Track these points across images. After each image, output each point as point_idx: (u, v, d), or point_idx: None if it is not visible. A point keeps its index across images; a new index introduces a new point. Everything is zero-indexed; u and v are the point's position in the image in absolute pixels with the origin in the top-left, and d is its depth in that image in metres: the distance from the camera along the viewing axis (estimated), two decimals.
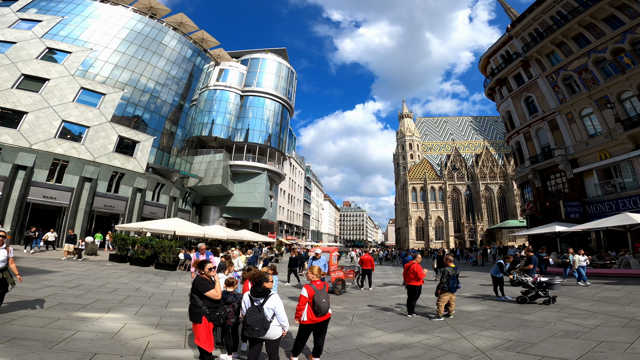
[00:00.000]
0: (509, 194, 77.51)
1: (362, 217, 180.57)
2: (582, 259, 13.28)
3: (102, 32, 30.03)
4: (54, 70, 26.11)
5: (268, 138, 40.53)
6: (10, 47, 25.59)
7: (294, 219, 63.15)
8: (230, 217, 39.84)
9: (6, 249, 5.88)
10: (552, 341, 5.77)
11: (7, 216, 21.21)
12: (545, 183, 25.31)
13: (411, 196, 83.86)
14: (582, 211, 21.11)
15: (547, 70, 24.39)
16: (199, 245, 10.71)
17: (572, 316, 7.62)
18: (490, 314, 8.24)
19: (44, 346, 4.85)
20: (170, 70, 33.45)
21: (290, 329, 4.88)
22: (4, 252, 5.82)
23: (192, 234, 20.36)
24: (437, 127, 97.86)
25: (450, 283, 7.77)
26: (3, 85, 23.65)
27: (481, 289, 12.75)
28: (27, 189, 22.39)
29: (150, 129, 30.60)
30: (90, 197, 25.06)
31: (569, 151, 22.72)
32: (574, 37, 22.43)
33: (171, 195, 32.04)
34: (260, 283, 4.28)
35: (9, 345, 4.75)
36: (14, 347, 4.70)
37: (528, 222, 28.65)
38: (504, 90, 29.22)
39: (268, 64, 42.97)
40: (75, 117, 25.57)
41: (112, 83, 28.50)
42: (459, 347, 5.63)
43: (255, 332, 4.00)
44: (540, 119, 24.99)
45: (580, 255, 13.42)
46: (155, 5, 35.09)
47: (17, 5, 29.16)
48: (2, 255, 5.76)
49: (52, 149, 23.80)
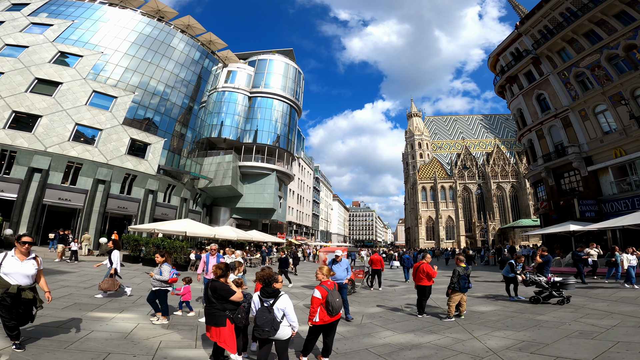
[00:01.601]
0: (521, 193, 76.22)
1: (372, 217, 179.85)
2: (631, 257, 12.20)
3: (112, 36, 30.60)
4: (67, 73, 26.70)
5: (276, 139, 40.70)
6: (23, 51, 26.27)
7: (303, 220, 63.27)
8: (240, 218, 40.14)
9: (35, 260, 4.54)
10: (566, 341, 5.65)
11: (23, 218, 21.76)
12: (558, 181, 24.83)
13: (421, 195, 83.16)
14: (597, 210, 20.62)
15: (558, 67, 23.95)
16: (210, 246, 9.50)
17: (588, 316, 7.46)
18: (503, 314, 8.12)
19: (60, 346, 4.94)
20: (179, 72, 33.88)
21: (300, 328, 4.89)
22: (32, 264, 4.46)
23: (202, 235, 20.57)
24: (447, 126, 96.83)
25: (461, 283, 7.68)
26: (17, 89, 24.28)
27: (493, 289, 12.57)
28: (43, 191, 22.94)
29: (161, 131, 31.05)
30: (104, 198, 25.54)
31: (583, 149, 22.24)
32: (584, 33, 22.02)
33: (182, 196, 32.44)
34: (270, 284, 4.31)
35: (25, 344, 4.82)
36: (30, 347, 4.79)
37: (541, 221, 28.12)
38: (515, 87, 28.77)
39: (275, 65, 43.16)
40: (88, 120, 26.10)
41: (123, 86, 29.01)
42: (470, 348, 5.56)
43: (266, 332, 4.03)
44: (552, 117, 24.53)
45: (629, 254, 12.35)
46: (163, 8, 35.58)
47: (27, 9, 29.90)
48: (31, 268, 4.42)
49: (66, 151, 24.35)
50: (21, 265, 4.35)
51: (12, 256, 4.33)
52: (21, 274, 4.32)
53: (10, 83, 24.24)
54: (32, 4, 30.51)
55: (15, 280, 4.25)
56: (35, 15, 29.66)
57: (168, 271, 6.95)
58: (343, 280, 8.23)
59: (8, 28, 27.56)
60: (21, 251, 4.39)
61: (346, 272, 8.52)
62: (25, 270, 4.36)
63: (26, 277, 4.33)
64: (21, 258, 4.38)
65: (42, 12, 30.29)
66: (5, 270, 4.27)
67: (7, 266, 4.29)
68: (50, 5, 31.22)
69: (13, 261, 4.34)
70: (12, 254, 4.33)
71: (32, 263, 4.45)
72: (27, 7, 30.08)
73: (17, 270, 4.30)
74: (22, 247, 4.40)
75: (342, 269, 8.42)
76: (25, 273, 4.34)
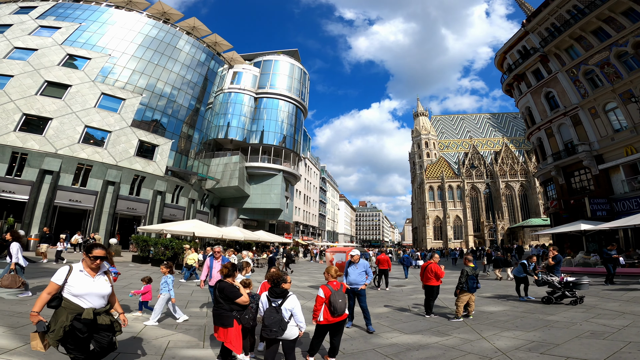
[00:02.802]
0: (531, 192, 75.26)
1: (379, 217, 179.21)
2: None
3: (119, 38, 30.95)
4: (75, 76, 27.09)
5: (283, 139, 40.82)
6: (32, 54, 26.70)
7: (309, 220, 63.32)
8: (247, 218, 40.34)
9: (107, 275, 3.57)
10: (577, 342, 5.57)
11: (34, 219, 22.15)
12: (569, 180, 24.48)
13: (428, 195, 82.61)
14: (608, 209, 20.29)
15: (566, 65, 23.65)
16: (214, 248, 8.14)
17: (599, 316, 7.34)
18: (512, 315, 8.03)
19: None
20: (185, 74, 34.17)
21: (307, 328, 4.89)
22: (105, 280, 3.49)
23: (210, 235, 20.73)
24: (454, 125, 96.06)
25: (470, 283, 7.62)
26: (27, 92, 24.71)
27: (502, 289, 12.43)
28: (54, 193, 23.32)
29: (169, 133, 31.35)
30: (114, 200, 25.87)
31: (594, 147, 21.89)
32: (593, 31, 21.75)
33: (190, 197, 32.71)
34: (278, 284, 4.32)
35: None
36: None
37: (552, 220, 27.77)
38: (523, 85, 28.44)
39: (280, 65, 43.29)
40: (98, 123, 26.46)
41: (130, 88, 29.35)
42: (479, 348, 5.51)
43: (274, 332, 4.04)
44: (562, 115, 24.20)
45: None
46: (168, 10, 35.91)
47: (35, 12, 30.40)
48: (106, 286, 3.46)
49: (76, 153, 24.72)
50: (94, 283, 3.37)
51: (80, 271, 3.37)
52: (96, 295, 3.35)
53: (21, 86, 24.68)
54: (40, 7, 31.03)
55: (88, 302, 3.29)
56: (43, 18, 30.12)
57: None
58: (359, 285, 7.10)
59: (17, 31, 28.05)
60: (90, 265, 3.41)
61: (364, 275, 7.26)
62: (100, 289, 3.40)
63: (101, 298, 3.41)
64: (92, 274, 3.41)
65: (50, 15, 30.75)
66: (75, 290, 3.25)
67: (76, 284, 3.27)
68: (57, 8, 31.70)
69: (83, 278, 3.34)
70: (80, 269, 3.39)
71: (105, 279, 3.49)
72: (35, 10, 30.58)
73: (90, 290, 3.32)
74: (93, 262, 3.40)
75: (358, 272, 7.23)
76: (100, 293, 3.39)
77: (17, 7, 30.81)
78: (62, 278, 3.25)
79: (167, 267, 7.28)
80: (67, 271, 3.31)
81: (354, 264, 7.34)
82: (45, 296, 3.20)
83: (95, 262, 3.41)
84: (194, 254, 13.86)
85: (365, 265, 7.39)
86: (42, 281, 9.92)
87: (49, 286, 3.22)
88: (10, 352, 4.52)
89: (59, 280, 3.24)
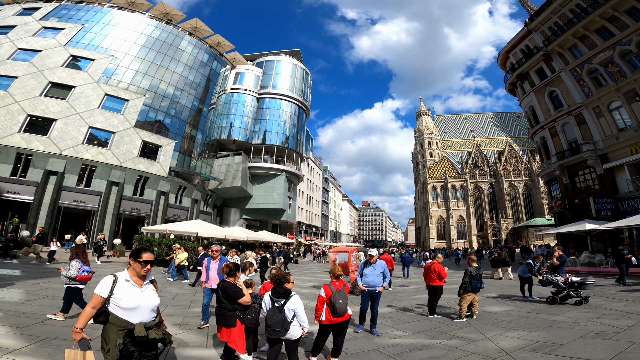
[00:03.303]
0: (535, 191, 74.90)
1: (381, 216, 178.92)
2: None
3: (122, 39, 31.07)
4: (79, 77, 27.24)
5: (285, 139, 40.84)
6: (36, 56, 26.87)
7: (312, 220, 63.31)
8: (250, 219, 40.40)
9: (154, 286, 3.17)
10: (582, 342, 5.54)
11: (39, 220, 22.29)
12: (573, 179, 24.33)
13: (431, 195, 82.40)
14: (613, 208, 20.15)
15: (570, 64, 23.53)
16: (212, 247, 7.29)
17: (604, 317, 7.29)
18: (516, 315, 7.99)
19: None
20: (188, 75, 34.28)
21: (310, 329, 4.89)
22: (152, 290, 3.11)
23: (213, 236, 20.77)
24: (457, 125, 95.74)
25: (473, 283, 7.60)
26: (32, 93, 24.88)
27: (506, 289, 12.37)
28: (59, 194, 23.46)
29: (172, 134, 31.46)
30: (118, 200, 26.00)
31: (598, 146, 21.75)
32: (596, 30, 21.68)
33: (193, 197, 32.80)
34: (281, 284, 4.32)
35: (41, 344, 4.95)
36: (47, 346, 4.89)
37: (556, 220, 27.61)
38: (526, 85, 28.30)
39: (283, 66, 43.33)
40: (101, 123, 26.60)
41: (134, 89, 29.48)
42: (483, 348, 5.49)
43: (276, 332, 4.05)
44: (566, 114, 24.05)
45: None
46: (170, 11, 36.03)
47: (38, 13, 30.60)
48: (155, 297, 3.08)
49: (80, 154, 24.86)
50: (142, 294, 2.98)
51: (126, 281, 2.96)
52: (146, 307, 2.96)
53: (25, 87, 24.86)
54: (43, 9, 31.23)
55: (138, 316, 2.89)
56: (46, 20, 30.31)
57: (77, 268, 6.43)
58: (377, 288, 6.72)
59: (20, 32, 28.25)
60: (139, 273, 3.02)
61: (381, 277, 6.79)
62: (150, 300, 3.00)
63: (152, 311, 3.01)
64: (139, 283, 3.01)
65: (53, 17, 30.93)
66: (124, 304, 2.85)
67: (123, 297, 2.87)
68: (60, 9, 31.90)
69: (131, 289, 2.94)
70: (127, 278, 2.98)
71: (152, 289, 3.10)
72: (38, 12, 30.77)
73: (140, 302, 2.92)
74: (143, 268, 3.01)
75: (375, 274, 6.77)
76: (151, 305, 3.00)
77: (21, 8, 31.04)
78: (106, 290, 2.86)
79: None
80: (111, 281, 2.90)
81: (371, 264, 6.88)
82: (90, 311, 2.82)
83: (146, 268, 3.02)
84: (183, 253, 13.76)
85: (383, 266, 6.94)
86: (48, 281, 9.98)
87: (93, 299, 2.84)
88: (15, 352, 4.55)
89: (103, 292, 2.85)
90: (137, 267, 3.00)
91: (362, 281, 6.84)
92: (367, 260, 6.98)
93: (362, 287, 6.79)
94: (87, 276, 6.53)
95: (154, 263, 3.11)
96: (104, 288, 2.86)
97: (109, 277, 2.94)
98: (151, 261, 3.05)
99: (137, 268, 3.01)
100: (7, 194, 21.83)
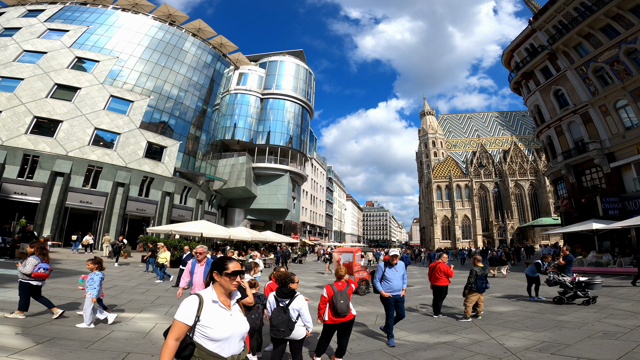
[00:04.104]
0: (541, 191, 74.24)
1: (386, 216, 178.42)
2: None
3: (126, 41, 31.32)
4: (84, 79, 27.50)
5: (289, 140, 40.90)
6: (42, 57, 27.18)
7: (316, 220, 63.32)
8: (254, 219, 40.50)
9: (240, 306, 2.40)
10: (588, 342, 5.48)
11: (47, 221, 22.52)
12: (579, 178, 24.10)
13: (436, 195, 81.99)
14: (621, 207, 19.92)
15: (575, 62, 23.35)
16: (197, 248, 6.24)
17: (612, 317, 7.21)
18: (522, 315, 7.93)
19: (81, 345, 5.07)
20: (192, 76, 34.45)
21: (315, 329, 4.90)
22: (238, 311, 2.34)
23: (218, 236, 20.89)
24: (461, 124, 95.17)
25: (479, 283, 7.55)
26: (38, 94, 25.15)
27: (512, 289, 12.28)
28: (65, 195, 23.68)
29: (176, 134, 31.64)
30: (124, 201, 26.18)
31: (605, 145, 21.53)
32: (601, 28, 21.52)
33: (198, 198, 32.95)
34: (286, 284, 4.32)
35: (48, 344, 4.99)
36: (53, 346, 4.93)
37: (562, 219, 27.38)
38: (531, 83, 28.10)
39: (286, 66, 43.42)
40: (107, 125, 26.82)
41: (139, 90, 29.69)
42: (488, 348, 5.45)
43: (281, 332, 4.04)
44: (571, 112, 23.84)
45: None
46: (174, 12, 36.25)
47: (43, 15, 30.95)
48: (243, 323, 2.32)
49: (86, 155, 25.08)
50: (232, 319, 2.22)
51: (214, 302, 2.20)
52: (237, 336, 2.22)
53: (31, 89, 25.13)
54: (48, 10, 31.58)
55: (230, 348, 2.17)
56: (51, 21, 30.64)
57: (32, 264, 6.24)
58: (400, 293, 6.04)
59: (25, 34, 28.59)
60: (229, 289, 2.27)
61: (402, 280, 6.10)
62: (241, 326, 2.26)
63: (241, 340, 2.27)
64: (227, 304, 2.26)
65: (58, 18, 31.27)
66: (214, 333, 2.11)
67: (213, 324, 2.13)
68: (65, 11, 32.22)
69: (220, 313, 2.19)
70: (214, 298, 2.21)
71: (239, 309, 2.35)
72: (43, 14, 31.11)
73: (232, 330, 2.18)
74: (232, 282, 2.26)
75: (398, 276, 6.05)
76: (241, 332, 2.25)
77: (26, 10, 31.40)
78: (192, 315, 2.10)
79: (94, 263, 6.46)
80: (196, 304, 2.12)
81: (392, 266, 6.08)
82: (173, 344, 2.07)
83: (236, 282, 2.26)
84: (166, 252, 13.53)
85: (404, 267, 6.27)
86: (55, 281, 10.05)
87: (175, 329, 2.09)
88: (22, 352, 4.60)
89: (188, 318, 2.09)
90: (225, 282, 2.24)
91: (383, 287, 6.01)
92: (388, 261, 6.18)
93: (385, 294, 5.93)
94: (43, 273, 6.31)
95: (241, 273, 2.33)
96: (188, 313, 2.10)
97: (193, 298, 2.16)
98: (241, 271, 2.31)
99: (226, 283, 2.24)
100: (14, 195, 22.08)
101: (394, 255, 6.16)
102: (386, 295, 5.93)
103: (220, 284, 2.26)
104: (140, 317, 7.10)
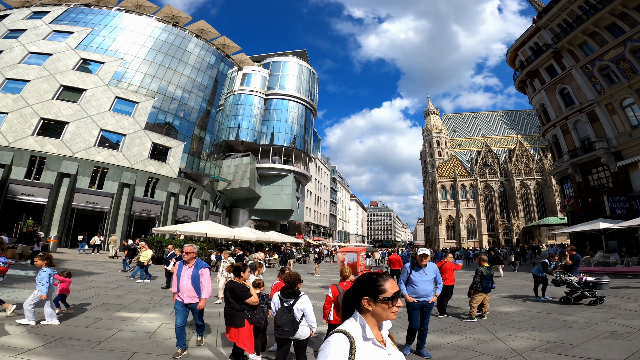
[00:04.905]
0: (547, 190, 73.62)
1: (390, 216, 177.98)
2: None
3: (130, 42, 31.47)
4: (90, 80, 27.70)
5: (293, 140, 40.95)
6: (48, 59, 27.40)
7: (320, 220, 63.30)
8: (258, 219, 40.60)
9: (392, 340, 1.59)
10: (595, 342, 5.43)
11: (53, 221, 22.73)
12: (586, 177, 23.87)
13: (440, 194, 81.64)
14: (628, 206, 19.69)
15: (581, 61, 23.18)
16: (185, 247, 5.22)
17: (619, 317, 7.13)
18: (528, 315, 7.87)
19: (88, 345, 5.11)
20: (196, 77, 34.60)
21: (319, 329, 4.89)
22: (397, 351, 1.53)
23: (223, 236, 20.94)
24: (466, 123, 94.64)
25: (484, 283, 7.51)
26: (44, 96, 25.37)
27: (518, 289, 12.20)
28: (72, 196, 23.89)
29: (181, 135, 31.80)
30: (129, 202, 26.37)
31: (612, 143, 21.31)
32: (606, 26, 21.38)
33: (202, 198, 33.09)
34: (294, 285, 4.33)
35: (55, 344, 5.03)
36: (60, 346, 4.98)
37: (569, 219, 27.11)
38: (536, 82, 27.89)
39: (289, 66, 43.48)
40: (112, 126, 27.02)
41: (143, 92, 29.87)
42: (493, 349, 5.42)
43: (285, 332, 4.05)
44: (577, 111, 23.63)
45: None
46: (177, 13, 36.41)
47: (48, 17, 31.18)
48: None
49: (92, 156, 25.28)
50: (390, 358, 1.46)
51: (366, 340, 1.41)
52: None
53: (37, 90, 25.37)
54: (52, 12, 31.81)
55: None
56: (56, 23, 30.86)
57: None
58: (429, 299, 5.27)
59: (31, 36, 28.85)
60: (386, 318, 1.49)
61: (432, 284, 5.35)
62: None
63: None
64: (380, 339, 1.49)
65: (62, 20, 31.48)
66: None
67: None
68: (69, 13, 32.44)
69: (376, 352, 1.40)
70: (367, 335, 1.42)
71: (391, 344, 1.59)
72: (48, 15, 31.35)
73: None
74: (393, 307, 1.47)
75: (427, 280, 5.27)
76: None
77: (31, 12, 31.68)
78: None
79: (42, 259, 6.12)
80: (347, 348, 1.33)
81: (420, 268, 5.31)
82: None
83: (396, 308, 1.48)
84: (148, 251, 12.93)
85: (435, 270, 5.48)
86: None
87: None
88: (29, 351, 4.65)
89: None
90: (381, 310, 1.47)
91: (408, 291, 5.32)
92: (415, 262, 5.42)
93: (409, 299, 5.25)
94: (3, 267, 6.23)
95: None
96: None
97: (340, 337, 1.37)
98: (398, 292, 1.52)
99: (384, 312, 1.48)
100: (21, 196, 22.33)
101: (422, 255, 5.32)
102: (410, 300, 5.21)
103: (375, 312, 1.48)
104: (146, 317, 7.15)
